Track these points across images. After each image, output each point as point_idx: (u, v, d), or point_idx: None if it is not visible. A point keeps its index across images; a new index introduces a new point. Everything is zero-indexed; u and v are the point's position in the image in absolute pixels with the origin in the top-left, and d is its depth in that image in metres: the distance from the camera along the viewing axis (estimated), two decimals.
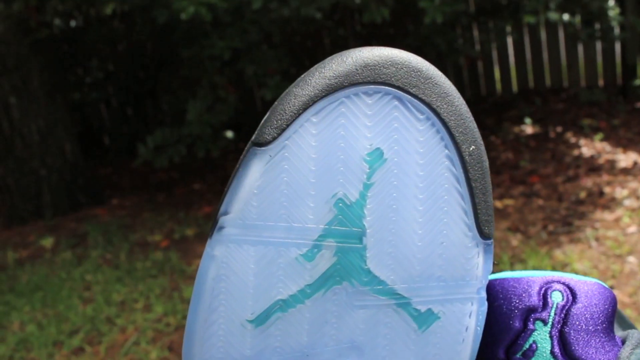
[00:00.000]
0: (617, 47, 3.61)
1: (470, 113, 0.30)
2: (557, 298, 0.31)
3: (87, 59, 4.01)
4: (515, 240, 2.37)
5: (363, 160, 0.28)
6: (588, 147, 3.12)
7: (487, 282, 0.30)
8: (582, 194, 2.64)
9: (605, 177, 2.75)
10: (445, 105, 0.29)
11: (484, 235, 0.29)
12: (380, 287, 0.28)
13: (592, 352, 0.31)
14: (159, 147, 2.93)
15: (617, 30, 3.36)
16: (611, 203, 2.52)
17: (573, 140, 3.23)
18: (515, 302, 0.32)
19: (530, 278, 0.32)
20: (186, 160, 3.40)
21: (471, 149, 0.29)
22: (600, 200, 2.57)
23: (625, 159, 2.91)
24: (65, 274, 2.66)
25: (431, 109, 0.29)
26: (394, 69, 0.28)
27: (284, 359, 0.27)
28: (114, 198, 3.46)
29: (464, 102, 0.30)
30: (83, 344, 2.14)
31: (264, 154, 0.27)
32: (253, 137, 0.27)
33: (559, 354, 0.31)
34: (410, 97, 0.28)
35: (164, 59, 3.72)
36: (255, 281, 0.27)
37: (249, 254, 0.27)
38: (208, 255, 0.27)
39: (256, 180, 0.27)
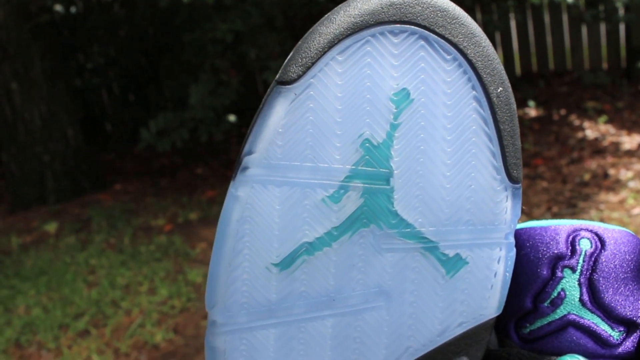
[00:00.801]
0: (622, 29, 3.59)
1: (497, 55, 0.29)
2: (585, 245, 0.31)
3: (88, 44, 3.99)
4: (519, 222, 2.37)
5: (390, 100, 0.27)
6: (592, 130, 3.10)
7: (515, 227, 0.29)
8: (587, 176, 2.63)
9: (610, 159, 2.74)
10: (472, 46, 0.28)
11: (512, 179, 0.29)
12: (408, 230, 0.27)
13: (622, 300, 0.30)
14: (161, 131, 2.92)
15: (621, 12, 3.34)
16: (616, 185, 2.51)
17: (577, 122, 3.22)
18: (543, 250, 0.31)
19: (557, 226, 0.32)
20: (189, 145, 3.39)
21: (499, 90, 0.28)
22: (604, 182, 2.56)
23: (629, 141, 2.90)
24: (70, 259, 2.66)
25: (458, 50, 0.28)
26: (420, 8, 0.27)
27: (310, 303, 0.27)
28: (116, 183, 3.46)
29: (490, 44, 0.29)
30: (88, 326, 2.15)
31: (289, 92, 0.26)
32: (277, 76, 0.27)
33: (588, 302, 0.30)
34: (436, 37, 0.28)
35: (166, 44, 3.70)
36: (281, 223, 0.26)
37: (274, 194, 0.26)
38: (232, 196, 0.26)
39: (281, 119, 0.26)
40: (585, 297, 0.30)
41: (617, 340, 0.30)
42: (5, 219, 3.26)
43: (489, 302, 0.28)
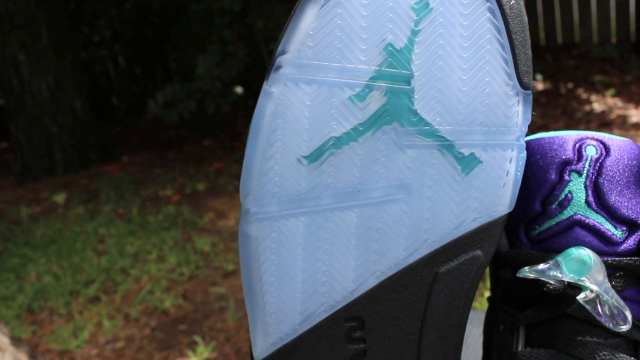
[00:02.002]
0: (632, 2, 3.57)
1: None
2: (591, 152, 0.33)
3: (94, 17, 3.99)
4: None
5: (410, 9, 0.29)
6: (599, 103, 3.11)
7: (526, 130, 0.31)
8: None
9: (617, 132, 2.74)
10: None
11: (523, 85, 0.31)
12: (427, 128, 0.29)
13: (625, 201, 0.32)
14: (168, 102, 2.94)
15: None
16: None
17: (584, 96, 3.22)
18: (551, 156, 0.33)
19: (565, 135, 0.34)
20: (196, 117, 3.41)
21: (511, 3, 0.30)
22: None
23: (637, 114, 2.90)
24: (79, 228, 2.70)
25: None
26: None
27: (337, 194, 0.29)
28: (124, 155, 3.48)
29: None
30: (99, 293, 2.18)
31: None
32: None
33: (593, 203, 0.32)
34: None
35: (172, 16, 3.70)
36: (310, 118, 0.28)
37: (305, 92, 0.28)
38: (265, 92, 0.28)
39: (311, 23, 0.28)
40: (591, 199, 0.32)
41: (620, 238, 0.32)
42: (15, 190, 3.30)
43: (502, 200, 0.31)
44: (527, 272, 0.31)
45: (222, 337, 1.84)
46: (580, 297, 0.30)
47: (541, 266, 0.30)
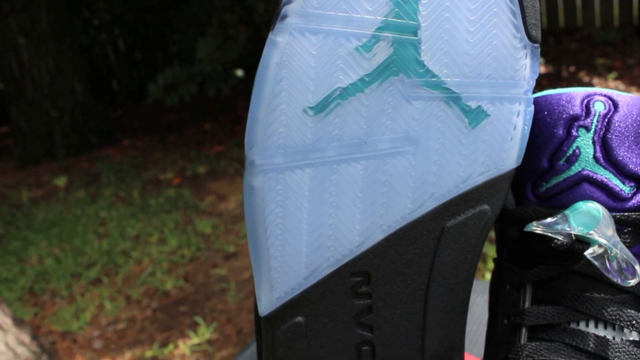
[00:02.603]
0: None
1: None
2: (599, 107, 0.32)
3: (94, 0, 3.96)
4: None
5: None
6: (601, 86, 3.09)
7: (534, 84, 0.31)
8: None
9: None
10: None
11: (531, 38, 0.30)
12: (434, 79, 0.29)
13: (633, 157, 0.32)
14: (169, 86, 2.93)
15: None
16: None
17: (586, 79, 3.20)
18: (559, 112, 0.33)
19: (572, 92, 0.33)
20: (197, 101, 3.40)
21: None
22: None
23: None
24: (80, 211, 2.70)
25: None
26: None
27: (343, 145, 0.28)
28: (124, 139, 3.48)
29: None
30: (100, 275, 2.19)
31: None
32: None
33: (601, 158, 0.32)
34: None
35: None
36: (316, 68, 0.28)
37: (311, 42, 0.28)
38: (271, 42, 0.28)
39: None
40: (599, 154, 0.32)
41: (628, 194, 0.32)
42: (16, 174, 3.29)
43: (509, 154, 0.30)
44: (534, 227, 0.30)
45: (224, 318, 1.85)
46: (588, 252, 0.30)
47: (549, 220, 0.30)
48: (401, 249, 0.30)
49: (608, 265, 0.30)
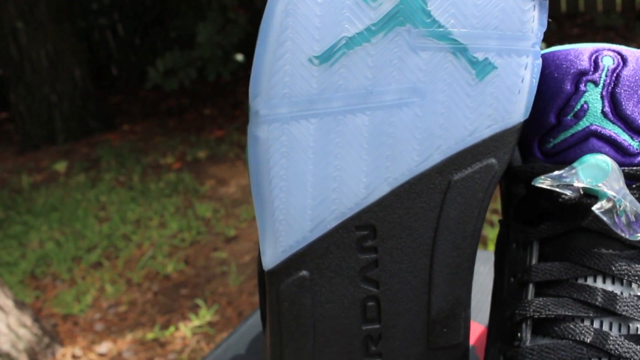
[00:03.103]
0: None
1: None
2: (608, 62, 0.32)
3: None
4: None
5: None
6: None
7: (541, 37, 0.30)
8: None
9: None
10: None
11: None
12: (441, 30, 0.28)
13: None
14: (169, 70, 2.92)
15: None
16: None
17: None
18: (566, 67, 0.32)
19: (580, 48, 0.33)
20: (196, 86, 3.39)
21: None
22: None
23: None
24: (80, 196, 2.70)
25: None
26: None
27: (348, 95, 0.28)
28: (124, 124, 3.47)
29: None
30: (101, 259, 2.19)
31: None
32: None
33: (610, 113, 0.31)
34: None
35: None
36: (322, 17, 0.27)
37: None
38: None
39: None
40: (607, 109, 0.31)
41: (637, 149, 0.32)
42: (15, 159, 3.29)
43: (516, 107, 0.30)
44: (542, 180, 0.30)
45: (224, 300, 1.85)
46: (596, 207, 0.30)
47: (557, 172, 0.30)
48: (407, 202, 0.29)
49: (616, 219, 0.30)
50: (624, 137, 0.31)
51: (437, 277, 0.30)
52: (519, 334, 0.31)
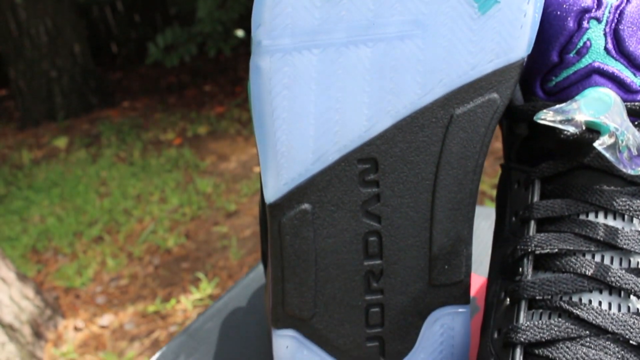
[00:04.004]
0: None
1: None
2: None
3: None
4: None
5: None
6: None
7: None
8: None
9: None
10: None
11: None
12: None
13: None
14: (169, 46, 2.90)
15: None
16: None
17: None
18: (569, 4, 0.32)
19: None
20: (197, 63, 3.37)
21: None
22: None
23: None
24: (81, 171, 2.70)
25: None
26: None
27: (350, 27, 0.28)
28: (124, 101, 3.46)
29: None
30: (102, 233, 2.20)
31: None
32: None
33: (612, 50, 0.31)
34: None
35: None
36: None
37: None
38: None
39: None
40: (610, 46, 0.31)
41: (639, 86, 0.31)
42: (16, 136, 3.29)
43: (519, 42, 0.30)
44: (543, 115, 0.30)
45: (225, 274, 1.86)
46: (599, 143, 0.30)
47: (558, 106, 0.30)
48: (409, 136, 0.29)
49: (619, 155, 0.30)
50: (626, 74, 0.31)
51: (438, 212, 0.30)
52: (520, 269, 0.31)
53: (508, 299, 0.31)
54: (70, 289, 1.94)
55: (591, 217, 0.31)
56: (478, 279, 0.49)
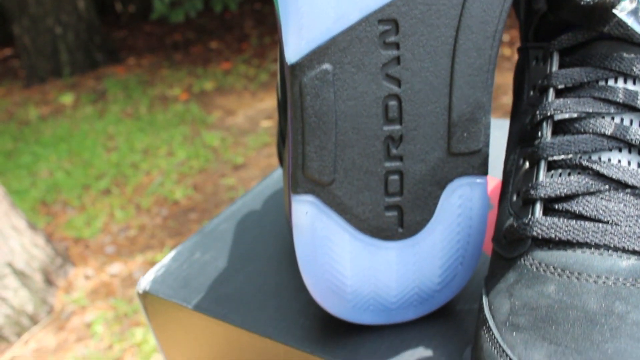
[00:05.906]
0: None
1: None
2: None
3: None
4: None
5: None
6: None
7: None
8: None
9: None
10: None
11: None
12: None
13: None
14: (174, 2, 2.88)
15: None
16: None
17: None
18: None
19: None
20: (202, 20, 3.34)
21: None
22: None
23: None
24: (88, 127, 2.70)
25: None
26: None
27: None
28: (130, 58, 3.44)
29: None
30: (110, 186, 2.21)
31: None
32: None
33: None
34: None
35: None
36: None
37: None
38: None
39: None
40: None
41: None
42: (22, 92, 3.28)
43: None
44: None
45: None
46: (619, 8, 0.30)
47: None
48: None
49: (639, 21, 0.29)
50: None
51: (458, 78, 0.30)
52: (539, 133, 0.31)
53: (527, 163, 0.31)
54: (79, 239, 1.96)
55: (611, 82, 0.31)
56: (492, 179, 0.49)
